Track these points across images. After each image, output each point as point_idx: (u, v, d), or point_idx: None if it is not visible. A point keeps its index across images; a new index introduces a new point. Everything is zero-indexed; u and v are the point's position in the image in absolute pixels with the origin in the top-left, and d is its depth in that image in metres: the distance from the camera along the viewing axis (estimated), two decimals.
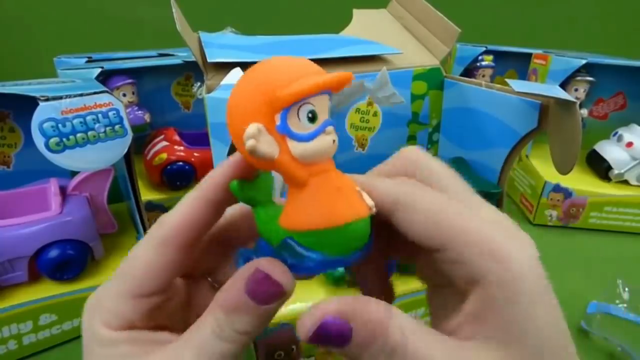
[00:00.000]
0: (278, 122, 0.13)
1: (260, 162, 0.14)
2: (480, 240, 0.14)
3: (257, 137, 0.13)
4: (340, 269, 0.34)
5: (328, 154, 0.14)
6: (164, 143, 0.52)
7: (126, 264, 0.16)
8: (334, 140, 0.14)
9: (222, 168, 0.16)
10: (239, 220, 0.18)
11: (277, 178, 0.20)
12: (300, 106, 0.13)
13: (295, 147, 0.14)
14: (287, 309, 0.27)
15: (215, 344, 0.15)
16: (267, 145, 0.13)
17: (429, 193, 0.15)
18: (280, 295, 0.14)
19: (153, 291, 0.16)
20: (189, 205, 0.16)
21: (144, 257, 0.16)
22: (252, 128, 0.13)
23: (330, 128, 0.14)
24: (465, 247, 0.14)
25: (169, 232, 0.16)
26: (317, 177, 0.14)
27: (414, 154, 0.17)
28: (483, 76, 0.72)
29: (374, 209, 0.15)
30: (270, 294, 0.14)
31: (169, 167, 0.51)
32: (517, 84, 0.30)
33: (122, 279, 0.16)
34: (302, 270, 0.15)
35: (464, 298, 0.15)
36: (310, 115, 0.14)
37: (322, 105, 0.14)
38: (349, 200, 0.15)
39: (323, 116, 0.14)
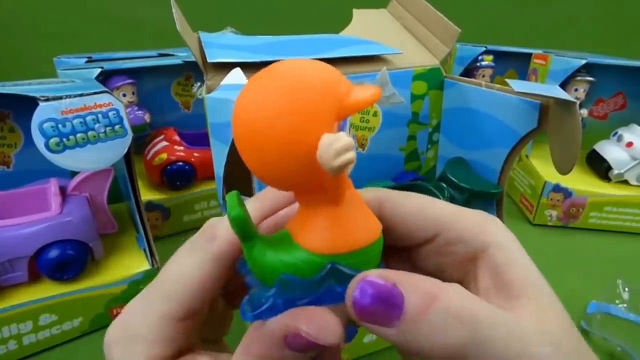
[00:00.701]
0: (337, 132, 0.12)
1: (318, 180, 0.12)
2: (473, 221, 0.15)
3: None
4: None
5: (348, 170, 0.13)
6: (164, 143, 0.52)
7: (172, 281, 0.14)
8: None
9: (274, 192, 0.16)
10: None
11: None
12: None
13: None
14: None
15: None
16: None
17: (412, 194, 0.16)
18: (334, 344, 0.13)
19: (202, 310, 0.15)
20: None
21: (196, 273, 0.14)
22: (348, 138, 0.11)
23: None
24: (463, 226, 0.15)
25: (225, 248, 0.14)
26: (348, 192, 0.13)
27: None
28: (483, 76, 0.71)
29: None
30: (320, 347, 0.13)
31: (169, 167, 0.51)
32: (517, 84, 0.30)
33: (169, 298, 0.14)
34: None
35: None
36: (348, 126, 0.13)
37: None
38: (371, 212, 0.14)
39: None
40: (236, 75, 0.27)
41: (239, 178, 0.28)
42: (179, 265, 0.15)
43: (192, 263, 0.15)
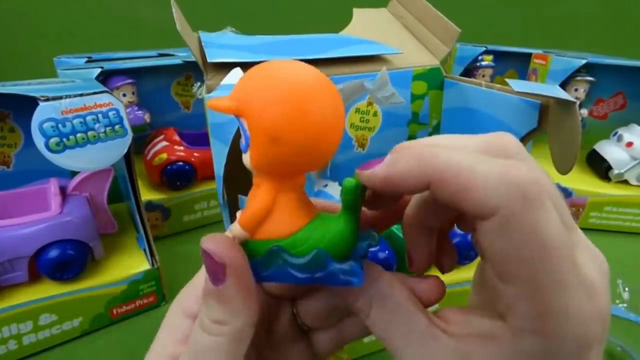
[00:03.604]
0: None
1: None
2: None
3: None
4: None
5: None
6: (164, 143, 0.52)
7: None
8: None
9: None
10: None
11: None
12: None
13: None
14: None
15: (199, 336, 0.15)
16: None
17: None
18: (222, 271, 0.14)
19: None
20: None
21: None
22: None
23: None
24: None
25: None
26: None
27: (514, 144, 0.14)
28: (483, 76, 0.71)
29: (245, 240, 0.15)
30: (215, 272, 0.14)
31: (169, 167, 0.51)
32: (517, 84, 0.30)
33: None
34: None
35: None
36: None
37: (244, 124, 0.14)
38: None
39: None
40: (236, 75, 0.27)
41: (239, 178, 0.28)
42: None
43: None
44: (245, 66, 0.28)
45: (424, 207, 0.16)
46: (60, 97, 0.32)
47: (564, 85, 0.60)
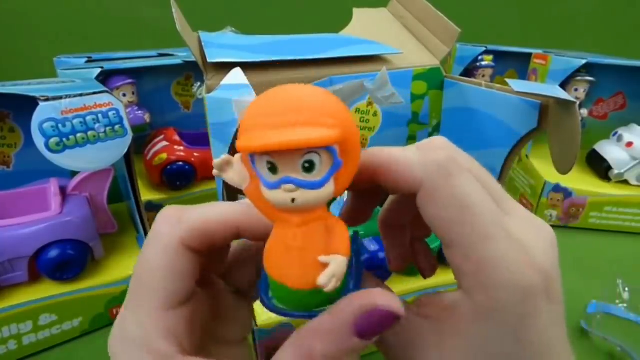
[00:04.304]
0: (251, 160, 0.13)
1: None
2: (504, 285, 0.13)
3: (222, 168, 0.14)
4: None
5: (290, 209, 0.13)
6: (164, 143, 0.52)
7: (147, 274, 0.15)
8: (293, 200, 0.13)
9: None
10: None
11: None
12: (261, 154, 0.13)
13: (262, 188, 0.13)
14: None
15: None
16: (235, 175, 0.14)
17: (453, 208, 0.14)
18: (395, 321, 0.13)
19: (186, 296, 0.15)
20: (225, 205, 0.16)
21: (163, 260, 0.15)
22: (220, 159, 0.14)
23: (289, 186, 0.13)
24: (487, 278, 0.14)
25: (193, 227, 0.15)
26: (279, 224, 0.14)
27: (442, 141, 0.16)
28: (483, 76, 0.71)
29: (328, 287, 0.13)
30: (385, 325, 0.13)
31: (169, 167, 0.51)
32: (517, 84, 0.30)
33: (151, 291, 0.14)
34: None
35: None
36: (269, 166, 0.13)
37: (285, 160, 0.13)
38: (290, 264, 0.14)
39: (286, 172, 0.13)
40: (236, 75, 0.27)
41: None
42: (147, 257, 0.15)
43: (157, 252, 0.15)
44: (245, 66, 0.28)
45: (391, 205, 0.19)
46: (60, 97, 0.32)
47: (564, 85, 0.60)
